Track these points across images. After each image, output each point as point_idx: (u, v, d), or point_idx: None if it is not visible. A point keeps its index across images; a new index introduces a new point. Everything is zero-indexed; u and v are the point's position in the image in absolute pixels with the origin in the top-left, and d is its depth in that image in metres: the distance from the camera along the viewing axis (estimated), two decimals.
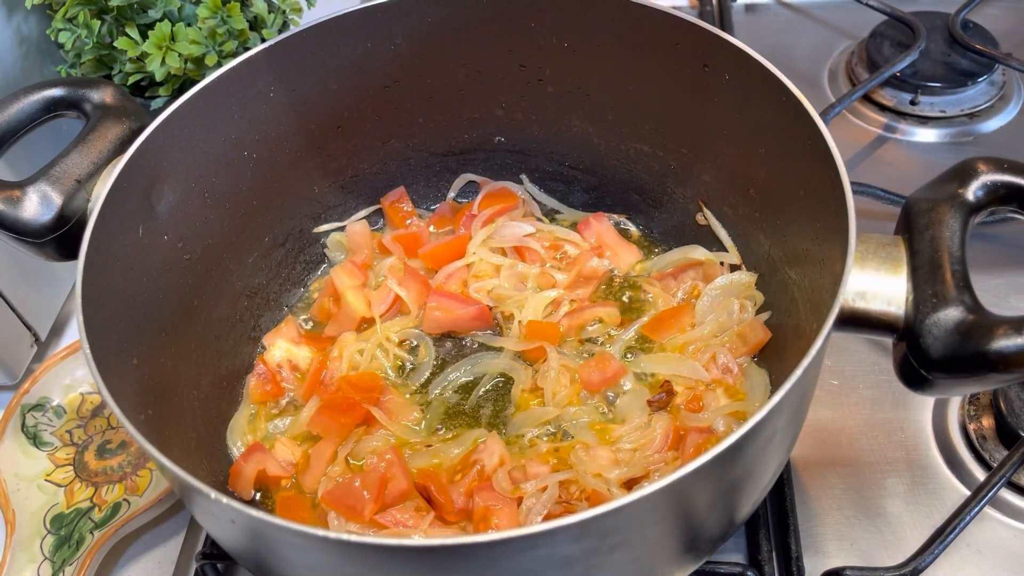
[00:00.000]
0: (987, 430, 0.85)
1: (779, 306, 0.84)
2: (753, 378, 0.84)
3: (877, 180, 1.01)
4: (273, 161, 0.92)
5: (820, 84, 1.23)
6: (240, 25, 1.01)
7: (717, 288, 0.89)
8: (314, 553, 0.58)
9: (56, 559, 0.82)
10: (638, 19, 0.85)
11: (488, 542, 0.53)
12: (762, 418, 0.56)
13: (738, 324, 0.86)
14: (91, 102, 0.82)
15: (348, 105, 0.94)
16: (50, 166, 0.77)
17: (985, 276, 0.92)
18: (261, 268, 0.95)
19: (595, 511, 0.52)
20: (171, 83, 1.04)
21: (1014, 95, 1.17)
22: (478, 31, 0.91)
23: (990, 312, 0.59)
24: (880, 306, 0.63)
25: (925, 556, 0.74)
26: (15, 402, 0.94)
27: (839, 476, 0.85)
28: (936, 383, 0.62)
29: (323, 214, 1.00)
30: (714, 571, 0.76)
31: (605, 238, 0.97)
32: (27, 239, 0.77)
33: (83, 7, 1.01)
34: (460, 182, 1.04)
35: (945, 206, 0.64)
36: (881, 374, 0.91)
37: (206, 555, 0.82)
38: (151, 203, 0.80)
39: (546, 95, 0.95)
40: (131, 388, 0.70)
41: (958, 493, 0.82)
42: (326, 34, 0.88)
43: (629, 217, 1.01)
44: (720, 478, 0.60)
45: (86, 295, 0.68)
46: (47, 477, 0.90)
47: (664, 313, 0.90)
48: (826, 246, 0.69)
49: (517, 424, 0.85)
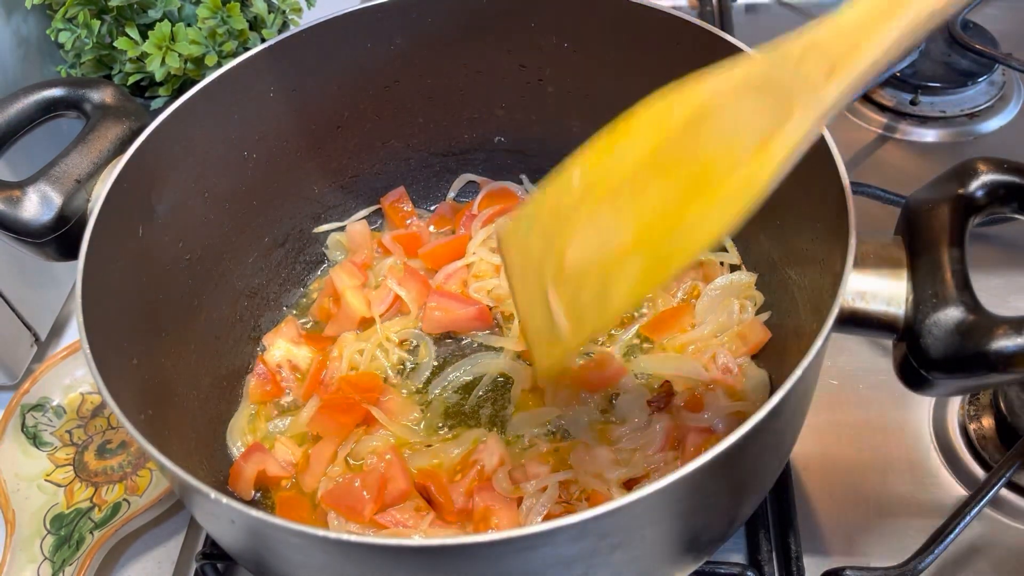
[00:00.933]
0: (987, 430, 0.85)
1: (779, 306, 0.84)
2: (753, 378, 0.84)
3: (877, 180, 1.01)
4: (273, 161, 0.92)
5: None
6: (240, 25, 1.01)
7: (717, 288, 0.89)
8: (314, 553, 0.58)
9: (56, 559, 0.82)
10: (638, 19, 0.85)
11: (488, 542, 0.53)
12: (762, 418, 0.56)
13: (738, 324, 0.86)
14: (91, 102, 0.82)
15: (348, 105, 0.94)
16: (50, 166, 0.77)
17: (985, 276, 0.92)
18: (261, 268, 0.95)
19: (595, 511, 0.52)
20: (171, 83, 1.04)
21: (1014, 95, 1.17)
22: (478, 31, 0.91)
23: (990, 312, 0.59)
24: (880, 306, 0.63)
25: (925, 556, 0.74)
26: (15, 402, 0.94)
27: (839, 476, 0.85)
28: (936, 383, 0.62)
29: (323, 214, 1.00)
30: (714, 571, 0.76)
31: None
32: (27, 239, 0.77)
33: (83, 7, 1.01)
34: (460, 182, 1.04)
35: (945, 206, 0.64)
36: (881, 374, 0.91)
37: (206, 555, 0.82)
38: (151, 203, 0.80)
39: (546, 95, 0.95)
40: (131, 388, 0.70)
41: (958, 493, 0.82)
42: (326, 34, 0.88)
43: None
44: (720, 478, 0.60)
45: (86, 295, 0.68)
46: (47, 477, 0.90)
47: (664, 313, 0.90)
48: (826, 246, 0.69)
49: (517, 424, 0.85)
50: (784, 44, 0.57)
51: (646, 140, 0.63)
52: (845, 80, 0.54)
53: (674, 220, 0.60)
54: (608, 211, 0.64)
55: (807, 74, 0.56)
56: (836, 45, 0.55)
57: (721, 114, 0.60)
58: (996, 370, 0.58)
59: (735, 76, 0.59)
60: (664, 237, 0.61)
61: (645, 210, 0.62)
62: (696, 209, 0.60)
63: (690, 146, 0.61)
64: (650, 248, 0.62)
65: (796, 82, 0.56)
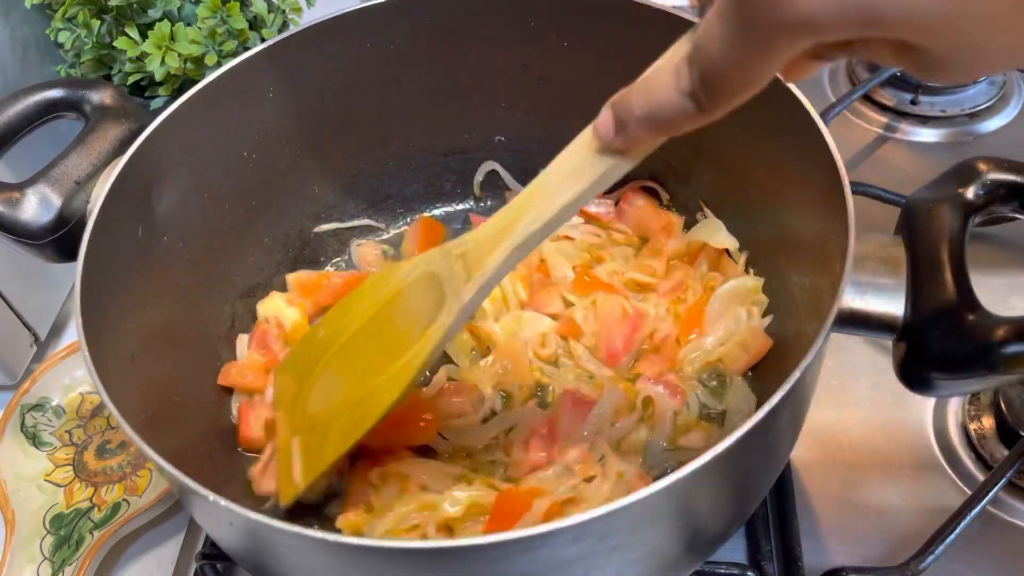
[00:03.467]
0: (987, 430, 0.85)
1: (779, 307, 0.84)
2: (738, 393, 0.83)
3: (877, 180, 1.01)
4: (273, 161, 0.92)
5: (820, 83, 1.23)
6: (240, 25, 1.01)
7: (724, 294, 0.86)
8: (312, 555, 0.58)
9: (56, 559, 0.83)
10: (638, 19, 0.84)
11: (487, 544, 0.53)
12: (762, 418, 0.56)
13: (744, 331, 0.84)
14: (90, 103, 0.82)
15: (348, 105, 0.94)
16: (49, 167, 0.77)
17: (985, 276, 0.91)
18: (261, 268, 0.95)
19: (595, 512, 0.52)
20: (171, 83, 1.03)
21: (1014, 95, 1.17)
22: (478, 31, 0.91)
23: (990, 312, 0.59)
24: (880, 306, 0.63)
25: (925, 556, 0.74)
26: (15, 402, 0.94)
27: (839, 476, 0.84)
28: (936, 383, 0.62)
29: (323, 214, 1.00)
30: (714, 571, 0.76)
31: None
32: (26, 241, 0.77)
33: (82, 7, 1.01)
34: (481, 173, 1.03)
35: (945, 206, 0.64)
36: (881, 374, 0.91)
37: (206, 555, 0.82)
38: (151, 203, 0.80)
39: (546, 95, 0.95)
40: (130, 388, 0.70)
41: (958, 493, 0.82)
42: (326, 34, 0.88)
43: None
44: (720, 478, 0.60)
45: (86, 295, 0.68)
46: (47, 477, 0.90)
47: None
48: (826, 246, 0.69)
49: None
50: (449, 245, 0.69)
51: (366, 308, 0.76)
52: (478, 281, 0.66)
53: (369, 386, 0.72)
54: (334, 369, 0.76)
55: (456, 274, 0.68)
56: (473, 252, 0.67)
57: (409, 296, 0.72)
58: (996, 370, 0.58)
59: (419, 265, 0.72)
60: (359, 404, 0.72)
61: (354, 373, 0.74)
62: (378, 381, 0.71)
63: (390, 319, 0.73)
64: (351, 410, 0.72)
65: (450, 280, 0.68)
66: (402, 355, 0.70)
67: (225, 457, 0.84)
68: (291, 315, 0.92)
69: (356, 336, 0.76)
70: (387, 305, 0.74)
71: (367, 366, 0.73)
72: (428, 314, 0.69)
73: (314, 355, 0.78)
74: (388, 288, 0.74)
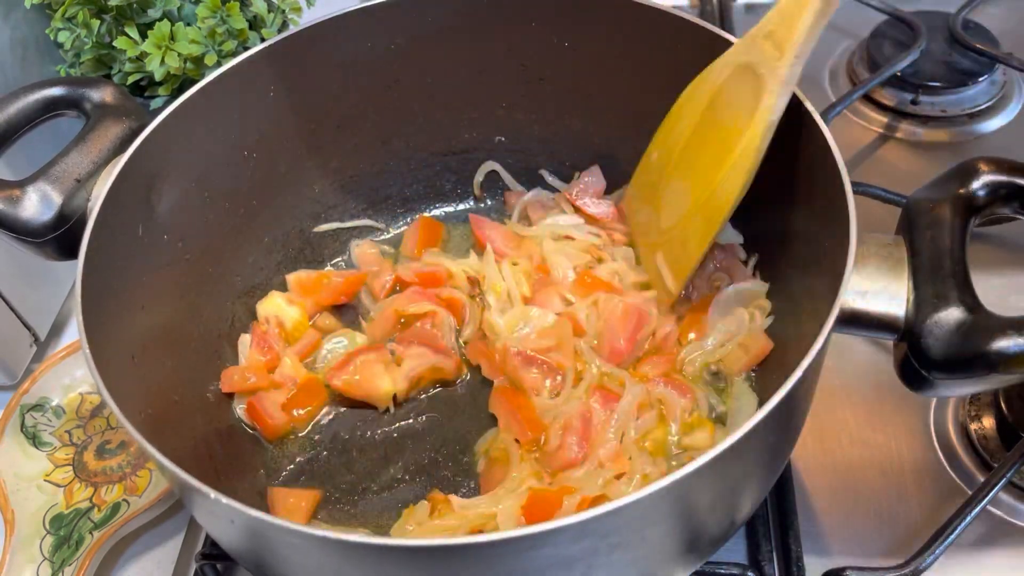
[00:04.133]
0: (987, 430, 0.85)
1: (779, 307, 0.84)
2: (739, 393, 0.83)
3: (877, 180, 1.01)
4: (273, 161, 0.92)
5: (821, 84, 1.23)
6: (240, 25, 1.01)
7: (725, 297, 0.86)
8: (313, 553, 0.58)
9: (55, 559, 0.82)
10: (638, 19, 0.85)
11: (488, 542, 0.53)
12: (763, 418, 0.56)
13: (747, 334, 0.84)
14: (91, 101, 0.82)
15: (348, 105, 0.94)
16: (50, 166, 0.77)
17: (985, 276, 0.91)
18: (261, 268, 0.95)
19: (595, 511, 0.52)
20: (171, 83, 1.03)
21: (1015, 95, 1.17)
22: (478, 31, 0.91)
23: (991, 312, 0.59)
24: (881, 306, 0.63)
25: (926, 556, 0.74)
26: (15, 402, 0.94)
27: (839, 476, 0.84)
28: (937, 383, 0.62)
29: (323, 214, 1.00)
30: (714, 571, 0.76)
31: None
32: (27, 239, 0.77)
33: (82, 6, 1.01)
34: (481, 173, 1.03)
35: (946, 206, 0.64)
36: (881, 374, 0.91)
37: (206, 555, 0.82)
38: (151, 203, 0.80)
39: (546, 95, 0.95)
40: (131, 388, 0.70)
41: (958, 493, 0.82)
42: (326, 34, 0.88)
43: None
44: (720, 478, 0.60)
45: (86, 295, 0.68)
46: (46, 477, 0.89)
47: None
48: (826, 246, 0.69)
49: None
50: (751, 32, 0.74)
51: (689, 119, 0.81)
52: (792, 52, 0.69)
53: (713, 183, 0.77)
54: (676, 182, 0.83)
55: (768, 55, 0.71)
56: (779, 29, 0.70)
57: (726, 93, 0.76)
58: (997, 370, 0.58)
59: (728, 63, 0.76)
60: (709, 200, 0.78)
61: (697, 176, 0.80)
62: (721, 174, 0.76)
63: (714, 120, 0.78)
64: (703, 209, 0.79)
65: (763, 62, 0.72)
66: (736, 146, 0.74)
67: (225, 457, 0.84)
68: (291, 314, 0.92)
69: (688, 146, 0.81)
70: (708, 109, 0.78)
71: (707, 165, 0.78)
72: (749, 102, 0.73)
73: (654, 177, 0.87)
74: (704, 95, 0.79)
